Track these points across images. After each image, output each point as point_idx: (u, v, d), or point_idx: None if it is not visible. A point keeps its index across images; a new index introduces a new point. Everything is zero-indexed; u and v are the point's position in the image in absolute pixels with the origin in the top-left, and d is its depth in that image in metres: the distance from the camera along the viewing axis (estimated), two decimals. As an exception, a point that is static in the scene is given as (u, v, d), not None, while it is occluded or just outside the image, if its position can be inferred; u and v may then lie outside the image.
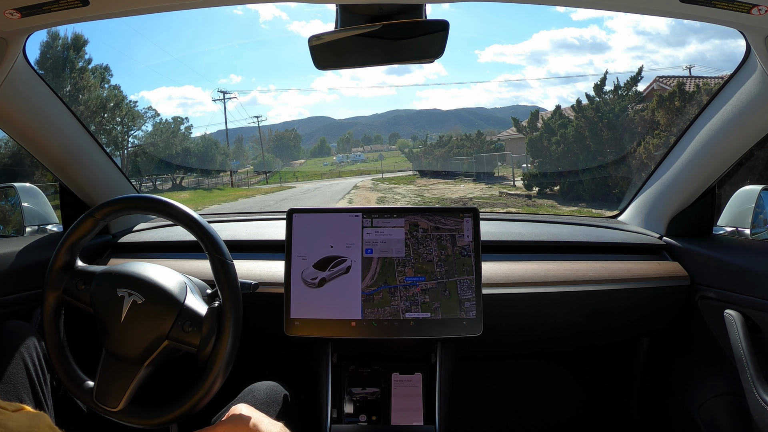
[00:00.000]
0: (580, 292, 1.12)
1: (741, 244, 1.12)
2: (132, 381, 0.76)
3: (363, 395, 1.06)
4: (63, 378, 0.79)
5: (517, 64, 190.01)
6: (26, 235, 1.23)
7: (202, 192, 21.47)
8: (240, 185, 26.53)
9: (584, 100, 12.04)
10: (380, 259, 1.02)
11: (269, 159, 42.04)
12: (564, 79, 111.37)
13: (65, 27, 16.21)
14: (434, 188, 15.82)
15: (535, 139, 13.02)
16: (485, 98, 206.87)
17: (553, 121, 12.74)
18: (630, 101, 11.54)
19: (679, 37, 64.64)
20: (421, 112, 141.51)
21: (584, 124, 11.60)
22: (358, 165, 42.52)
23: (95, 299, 0.79)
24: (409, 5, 0.75)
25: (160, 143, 22.22)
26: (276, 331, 1.00)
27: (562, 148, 11.88)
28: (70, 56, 16.65)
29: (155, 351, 0.77)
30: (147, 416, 0.76)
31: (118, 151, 19.69)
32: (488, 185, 14.67)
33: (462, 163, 18.86)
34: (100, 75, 17.83)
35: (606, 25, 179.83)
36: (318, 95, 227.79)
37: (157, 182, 22.48)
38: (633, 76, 11.75)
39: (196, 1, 0.74)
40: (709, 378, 1.15)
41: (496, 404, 1.55)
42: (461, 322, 0.99)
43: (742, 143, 1.03)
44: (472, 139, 20.66)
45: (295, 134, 58.00)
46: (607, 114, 11.37)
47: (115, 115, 18.82)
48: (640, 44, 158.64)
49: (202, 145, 25.64)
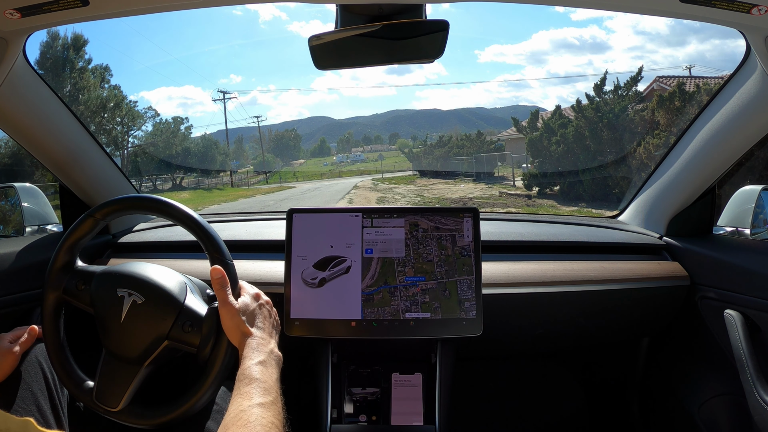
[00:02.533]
0: (580, 292, 1.12)
1: (741, 244, 1.12)
2: (132, 381, 0.76)
3: (363, 395, 1.06)
4: (63, 378, 0.79)
5: (517, 64, 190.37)
6: (26, 235, 1.23)
7: (202, 192, 21.46)
8: (240, 185, 26.54)
9: (584, 100, 12.06)
10: (380, 259, 1.02)
11: (269, 159, 42.05)
12: (564, 79, 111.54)
13: (65, 27, 16.27)
14: (434, 188, 15.82)
15: (535, 139, 13.00)
16: (485, 98, 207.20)
17: (553, 121, 12.73)
18: (630, 101, 11.53)
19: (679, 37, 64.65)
20: (421, 112, 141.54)
21: (584, 124, 11.58)
22: (358, 165, 42.50)
23: (95, 299, 0.79)
24: (409, 5, 0.75)
25: (160, 143, 22.21)
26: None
27: (562, 148, 11.86)
28: (70, 56, 16.63)
29: (155, 351, 0.76)
30: (147, 416, 0.76)
31: (118, 151, 19.68)
32: (488, 185, 14.66)
33: (462, 163, 18.86)
34: (100, 75, 17.81)
35: (606, 25, 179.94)
36: (318, 95, 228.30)
37: (157, 182, 22.47)
38: (633, 76, 11.75)
39: (196, 1, 0.74)
40: (709, 378, 1.15)
41: (496, 404, 1.55)
42: (461, 322, 0.99)
43: (742, 143, 1.03)
44: (472, 139, 20.66)
45: (295, 134, 58.03)
46: (607, 114, 11.35)
47: (115, 115, 18.79)
48: (639, 44, 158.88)
49: (202, 145, 25.64)
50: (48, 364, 0.85)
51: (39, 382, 0.84)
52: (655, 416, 1.34)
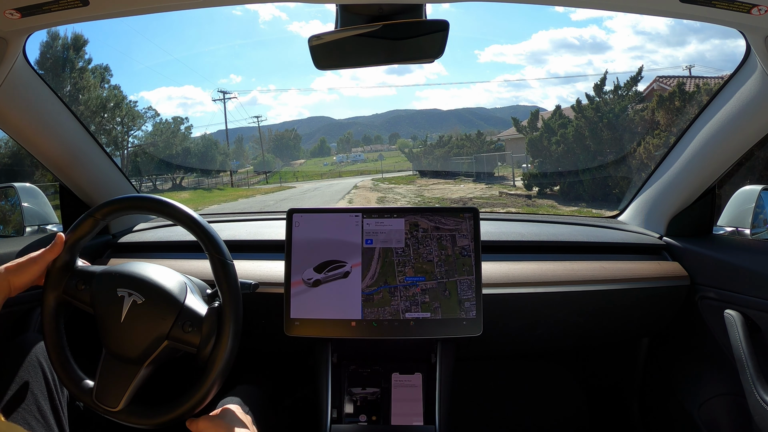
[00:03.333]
0: (580, 292, 1.12)
1: (741, 244, 1.12)
2: (132, 381, 0.76)
3: (363, 395, 1.06)
4: (63, 378, 0.79)
5: (516, 64, 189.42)
6: (26, 235, 1.23)
7: (202, 192, 21.41)
8: (240, 185, 26.47)
9: (584, 100, 12.03)
10: (380, 259, 1.02)
11: (269, 159, 41.99)
12: (564, 79, 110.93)
13: (65, 27, 16.25)
14: (434, 188, 15.77)
15: (535, 139, 12.94)
16: (485, 98, 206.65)
17: (553, 121, 12.68)
18: (630, 101, 11.50)
19: (679, 37, 64.21)
20: (421, 112, 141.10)
21: (584, 124, 11.53)
22: (358, 165, 42.30)
23: (95, 299, 0.79)
24: (409, 5, 0.75)
25: (160, 143, 22.13)
26: (276, 331, 1.00)
27: (562, 148, 11.81)
28: (70, 56, 16.60)
29: (155, 351, 0.76)
30: (147, 416, 0.76)
31: (118, 151, 19.63)
32: (488, 185, 14.60)
33: (462, 163, 18.79)
34: (100, 75, 17.79)
35: (605, 24, 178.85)
36: (318, 95, 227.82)
37: (157, 182, 22.39)
38: (633, 76, 11.71)
39: (196, 1, 0.74)
40: (709, 378, 1.15)
41: (496, 404, 1.55)
42: (461, 322, 0.99)
43: (742, 143, 1.03)
44: (472, 139, 20.56)
45: (295, 134, 57.94)
46: (607, 114, 11.31)
47: (115, 115, 18.73)
48: (639, 44, 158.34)
49: (202, 145, 25.55)
50: (48, 364, 0.85)
51: (39, 382, 0.85)
52: (655, 416, 1.34)
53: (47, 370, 0.86)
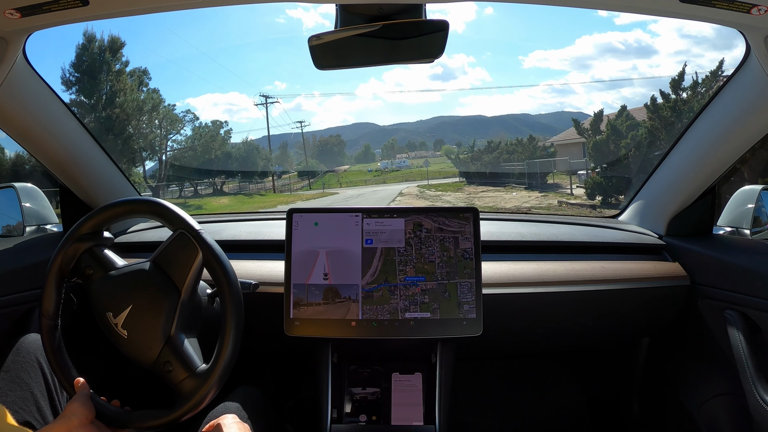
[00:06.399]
0: (580, 292, 1.12)
1: (741, 244, 1.12)
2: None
3: (363, 395, 1.06)
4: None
5: (561, 70, 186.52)
6: (26, 235, 1.23)
7: (242, 197, 20.97)
8: (283, 191, 26.20)
9: (628, 105, 10.99)
10: (381, 257, 1.01)
11: (313, 164, 41.58)
12: (608, 83, 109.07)
13: (101, 29, 16.10)
14: (484, 196, 15.06)
15: (599, 143, 11.78)
16: (530, 104, 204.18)
17: (620, 122, 11.56)
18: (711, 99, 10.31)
19: (725, 40, 63.04)
20: (466, 119, 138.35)
21: (659, 125, 10.15)
22: (403, 171, 40.71)
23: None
24: (409, 5, 0.75)
25: (198, 147, 21.66)
26: (276, 331, 1.00)
27: (633, 153, 10.58)
28: (107, 58, 16.43)
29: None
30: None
31: (155, 155, 19.38)
32: (543, 193, 13.81)
33: (512, 169, 17.93)
34: (138, 78, 17.54)
35: (650, 28, 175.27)
36: (362, 101, 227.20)
37: (199, 187, 21.99)
38: (713, 71, 10.26)
39: (196, 1, 0.74)
40: (709, 378, 1.15)
41: (496, 404, 1.55)
42: (461, 322, 0.99)
43: (742, 143, 1.03)
44: (524, 144, 19.58)
45: (340, 140, 57.59)
46: (686, 113, 9.86)
47: (153, 118, 18.48)
48: (685, 48, 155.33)
49: (243, 149, 25.22)
50: (48, 364, 0.85)
51: (39, 382, 0.85)
52: (655, 416, 1.33)
53: (47, 371, 0.86)
